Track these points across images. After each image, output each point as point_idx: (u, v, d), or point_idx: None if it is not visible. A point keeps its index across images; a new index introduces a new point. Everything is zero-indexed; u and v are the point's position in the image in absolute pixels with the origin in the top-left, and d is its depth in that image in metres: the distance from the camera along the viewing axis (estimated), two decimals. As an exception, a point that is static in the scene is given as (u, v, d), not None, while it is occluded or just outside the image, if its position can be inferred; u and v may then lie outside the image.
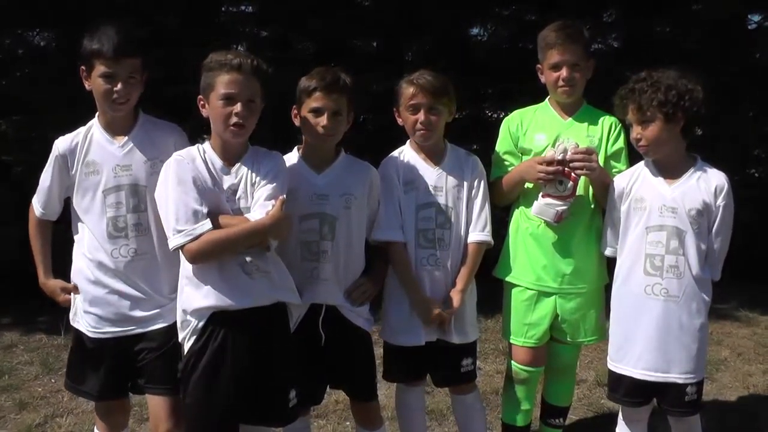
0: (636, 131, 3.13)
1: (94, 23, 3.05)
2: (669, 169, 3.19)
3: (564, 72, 3.41)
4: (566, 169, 3.31)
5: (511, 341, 3.61)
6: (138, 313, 3.09)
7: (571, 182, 3.32)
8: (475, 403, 3.57)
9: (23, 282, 5.86)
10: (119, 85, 2.97)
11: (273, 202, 2.84)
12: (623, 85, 3.20)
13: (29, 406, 4.61)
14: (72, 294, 3.20)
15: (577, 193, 3.36)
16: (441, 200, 3.33)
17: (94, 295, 3.12)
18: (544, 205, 3.39)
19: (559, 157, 3.32)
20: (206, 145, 2.98)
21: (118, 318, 3.10)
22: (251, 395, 2.91)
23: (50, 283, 3.27)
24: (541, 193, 3.40)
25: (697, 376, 3.18)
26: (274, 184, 2.89)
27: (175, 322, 3.03)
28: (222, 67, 2.86)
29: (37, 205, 3.23)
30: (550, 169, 3.32)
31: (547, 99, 3.59)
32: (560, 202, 3.36)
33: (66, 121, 3.27)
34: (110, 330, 3.11)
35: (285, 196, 2.88)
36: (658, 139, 3.10)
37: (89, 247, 3.12)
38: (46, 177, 3.16)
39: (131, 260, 3.06)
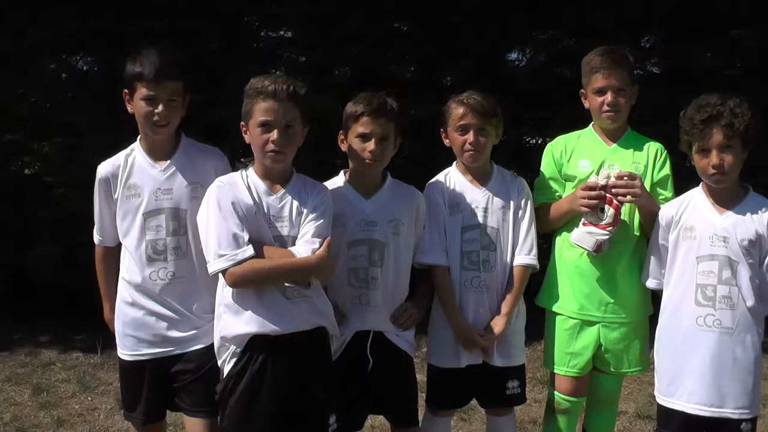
0: (717, 157, 3.00)
1: (136, 47, 3.10)
2: (722, 199, 3.11)
3: (609, 97, 3.37)
4: (608, 196, 3.26)
5: (554, 370, 3.54)
6: (175, 334, 3.10)
7: (612, 210, 3.26)
8: (506, 427, 3.51)
9: (61, 300, 6.00)
10: (160, 107, 3.00)
11: (320, 240, 2.85)
12: (683, 109, 3.11)
13: (66, 424, 4.67)
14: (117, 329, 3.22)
15: (620, 223, 3.30)
16: (487, 222, 3.32)
17: (132, 316, 3.14)
18: (585, 233, 3.33)
19: (602, 183, 3.27)
20: (250, 169, 3.00)
21: (155, 339, 3.11)
22: (290, 420, 2.89)
23: (112, 325, 3.28)
24: (582, 221, 3.35)
25: (752, 412, 3.07)
26: (322, 221, 2.90)
27: (212, 344, 3.02)
28: (259, 95, 2.88)
29: (95, 233, 3.27)
30: (593, 193, 3.27)
31: (591, 124, 3.55)
32: (601, 231, 3.29)
33: (107, 143, 3.32)
34: (148, 351, 3.13)
35: (331, 238, 2.89)
36: (736, 166, 3.02)
37: (128, 270, 3.14)
38: (96, 203, 3.20)
39: (169, 283, 3.08)
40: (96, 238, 3.27)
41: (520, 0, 6.37)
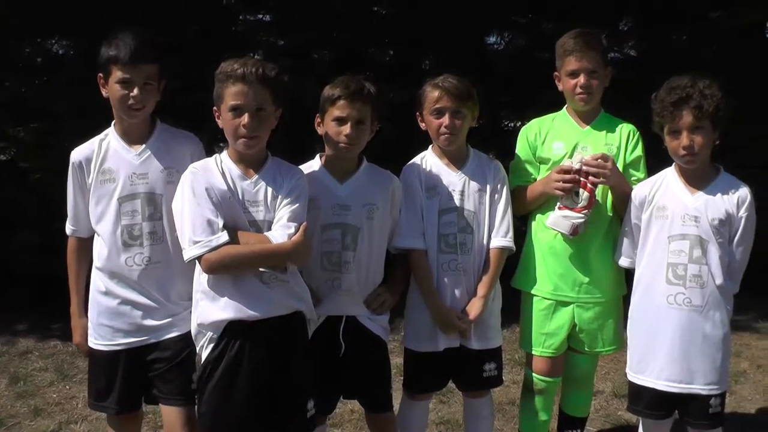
0: (687, 138, 3.05)
1: (111, 31, 3.06)
2: (693, 179, 3.16)
3: (581, 79, 3.39)
4: (582, 180, 3.29)
5: (529, 351, 3.59)
6: (150, 322, 3.08)
7: (587, 193, 3.29)
8: (483, 408, 3.55)
9: (39, 287, 5.94)
10: (135, 91, 2.97)
11: (295, 224, 2.84)
12: (656, 91, 3.15)
13: (44, 413, 4.63)
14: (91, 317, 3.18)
15: (594, 205, 3.33)
16: (463, 205, 3.32)
17: (106, 306, 3.11)
18: (560, 217, 3.36)
19: (576, 167, 3.29)
20: (224, 154, 2.98)
21: (130, 328, 3.09)
22: (268, 405, 2.89)
23: (78, 322, 3.24)
24: (558, 205, 3.37)
25: (720, 388, 3.14)
26: (297, 205, 2.88)
27: (189, 332, 3.01)
28: (228, 79, 2.85)
29: (67, 224, 3.22)
30: (567, 177, 3.31)
31: (565, 107, 3.58)
32: (576, 214, 3.33)
33: (83, 128, 3.28)
34: (123, 341, 3.10)
35: (306, 222, 2.87)
36: (706, 146, 3.07)
37: (100, 257, 3.11)
38: (69, 191, 3.16)
39: (145, 268, 3.05)
40: (68, 228, 3.21)
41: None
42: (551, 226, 3.40)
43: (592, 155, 3.33)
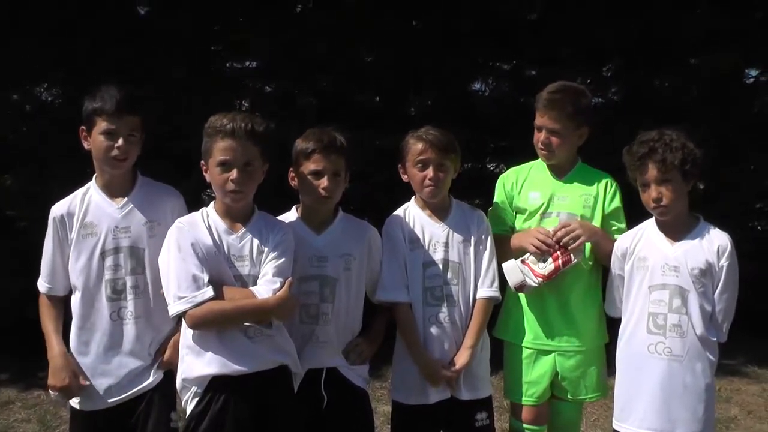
0: (656, 191, 3.09)
1: (96, 84, 3.08)
2: (672, 229, 3.18)
3: (541, 136, 3.42)
4: (556, 251, 3.30)
5: (513, 400, 3.57)
6: (129, 379, 3.05)
7: (552, 266, 3.30)
8: None
9: (22, 338, 5.85)
10: (120, 141, 2.98)
11: (280, 280, 2.83)
12: (629, 143, 3.19)
13: (26, 466, 4.53)
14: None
15: (552, 279, 3.32)
16: (448, 256, 3.31)
17: (85, 365, 3.07)
18: (517, 268, 3.36)
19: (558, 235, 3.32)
20: (210, 208, 2.99)
21: (111, 389, 3.06)
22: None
23: (63, 361, 3.05)
24: (522, 258, 3.38)
25: (703, 438, 3.11)
26: (283, 260, 2.89)
27: (162, 384, 3.02)
28: (217, 134, 2.87)
29: (42, 282, 3.15)
30: (547, 242, 3.30)
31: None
32: (533, 277, 3.34)
33: (71, 176, 3.29)
34: (105, 401, 3.06)
35: (291, 278, 2.87)
36: (676, 198, 3.09)
37: (82, 313, 3.06)
38: (47, 247, 3.12)
39: (129, 323, 3.04)
40: (43, 286, 3.14)
41: (484, 30, 6.45)
42: (504, 269, 3.39)
43: (554, 228, 3.34)
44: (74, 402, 3.11)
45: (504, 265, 3.40)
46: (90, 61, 5.72)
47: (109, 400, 3.06)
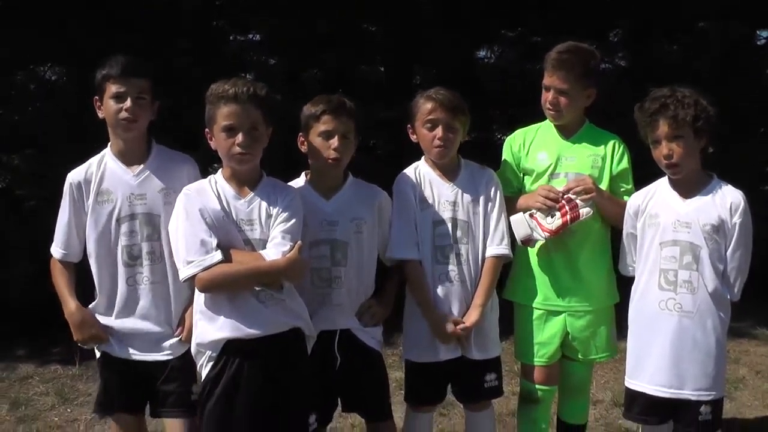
0: (666, 148, 3.09)
1: (104, 57, 3.13)
2: (685, 187, 3.18)
3: (549, 95, 3.42)
4: (564, 205, 3.31)
5: (524, 361, 3.60)
6: (148, 344, 3.12)
7: (560, 221, 3.31)
8: (485, 422, 3.55)
9: (36, 315, 5.94)
10: (128, 103, 3.03)
11: (290, 243, 2.85)
12: (641, 101, 3.18)
13: (46, 437, 4.61)
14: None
15: (558, 235, 3.35)
16: (458, 215, 3.33)
17: (107, 328, 3.15)
18: (524, 222, 3.37)
19: (563, 190, 3.34)
20: (218, 174, 3.01)
21: (140, 350, 3.14)
22: (269, 422, 2.90)
23: (81, 314, 3.15)
24: (531, 212, 3.39)
25: (712, 394, 3.13)
26: (292, 221, 2.91)
27: (184, 354, 3.07)
28: (220, 100, 2.89)
29: (56, 248, 3.19)
30: (551, 196, 3.33)
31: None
32: (540, 231, 3.36)
33: (77, 155, 3.30)
34: (133, 360, 3.14)
35: (301, 242, 2.89)
36: (687, 155, 3.09)
37: (100, 281, 3.13)
38: (62, 213, 3.16)
39: (144, 288, 3.09)
40: (58, 252, 3.18)
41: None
42: (511, 222, 3.41)
43: (567, 184, 3.36)
44: (103, 347, 3.19)
45: (512, 217, 3.41)
46: (92, 41, 5.70)
47: (132, 353, 3.13)
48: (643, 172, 3.46)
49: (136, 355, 3.14)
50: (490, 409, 3.57)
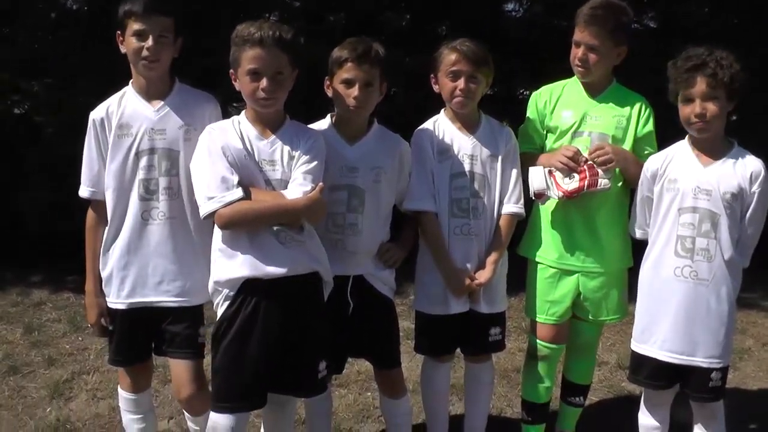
0: (700, 106, 3.03)
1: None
2: (706, 152, 3.14)
3: (579, 51, 3.37)
4: (584, 169, 3.29)
5: (533, 318, 3.62)
6: (164, 286, 3.12)
7: (577, 183, 3.29)
8: (484, 374, 3.60)
9: (52, 244, 6.01)
10: (150, 41, 2.99)
11: (311, 184, 2.85)
12: (674, 59, 3.13)
13: (57, 363, 4.76)
14: (104, 275, 3.18)
15: (573, 198, 3.32)
16: (475, 169, 3.33)
17: (118, 263, 3.13)
18: (542, 176, 3.36)
19: (585, 156, 3.31)
20: (242, 115, 3.00)
21: (135, 287, 3.12)
22: (281, 364, 2.93)
23: (95, 301, 3.22)
24: (550, 168, 3.38)
25: (722, 362, 3.15)
26: (314, 164, 2.90)
27: (200, 305, 3.10)
28: (245, 43, 2.85)
29: (84, 188, 3.17)
30: (575, 158, 3.31)
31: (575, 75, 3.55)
32: (555, 189, 3.34)
33: (97, 86, 3.30)
34: (140, 300, 3.13)
35: (323, 184, 2.89)
36: (718, 116, 3.04)
37: (114, 214, 3.12)
38: (87, 151, 3.15)
39: (160, 223, 3.08)
40: (86, 191, 3.16)
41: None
42: (529, 172, 3.40)
43: (592, 145, 3.33)
44: (111, 301, 3.19)
45: (531, 168, 3.40)
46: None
47: (136, 299, 3.12)
48: (664, 135, 3.42)
49: (143, 299, 3.12)
50: (490, 362, 3.62)
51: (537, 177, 3.38)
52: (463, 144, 3.35)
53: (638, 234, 3.37)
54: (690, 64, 3.05)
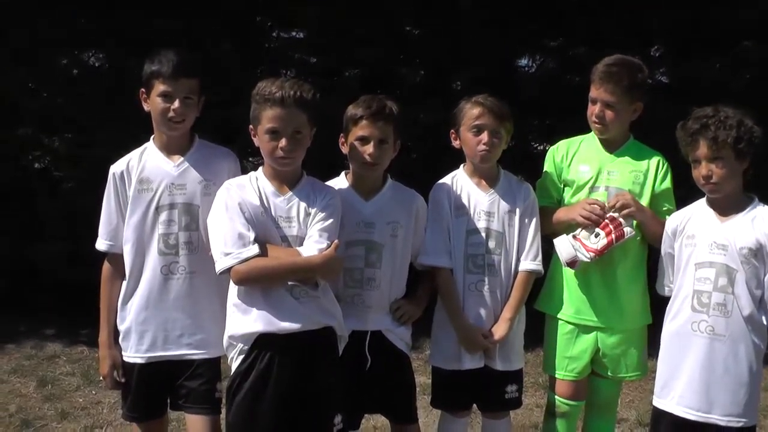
0: (706, 168, 3.05)
1: (153, 49, 3.15)
2: (723, 208, 3.13)
3: (596, 108, 3.40)
4: (607, 223, 3.28)
5: (552, 374, 3.58)
6: (185, 339, 3.13)
7: (605, 240, 3.28)
8: (501, 430, 3.55)
9: (67, 294, 6.04)
10: (176, 104, 3.05)
11: (327, 241, 2.87)
12: (683, 120, 3.15)
13: (70, 416, 4.74)
14: (121, 328, 3.19)
15: (604, 254, 3.29)
16: (492, 225, 3.34)
17: (145, 316, 3.14)
18: (569, 243, 3.35)
19: (608, 207, 3.30)
20: (259, 171, 3.04)
21: (156, 342, 3.13)
22: (296, 419, 2.91)
23: (108, 353, 3.22)
24: (574, 233, 3.37)
25: (744, 421, 3.07)
26: (330, 221, 2.93)
27: (218, 358, 3.09)
28: (266, 101, 2.90)
29: (101, 241, 3.21)
30: (596, 211, 3.30)
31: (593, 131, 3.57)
32: (584, 252, 3.32)
33: (116, 140, 3.35)
34: (159, 354, 3.13)
35: (338, 241, 2.90)
36: (727, 176, 3.05)
37: (129, 267, 3.14)
38: (106, 205, 3.19)
39: (180, 278, 3.10)
40: (104, 244, 3.20)
41: (531, 7, 6.38)
42: (555, 245, 3.39)
43: (610, 202, 3.32)
44: (126, 355, 3.19)
45: (555, 240, 3.40)
46: (137, 30, 5.78)
47: (155, 353, 3.13)
48: (684, 191, 3.42)
49: (163, 352, 3.13)
50: (508, 417, 3.57)
51: (563, 246, 3.36)
52: (480, 200, 3.36)
53: (665, 291, 3.33)
54: (693, 128, 3.07)
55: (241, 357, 2.92)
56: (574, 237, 3.36)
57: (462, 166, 3.46)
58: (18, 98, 6.38)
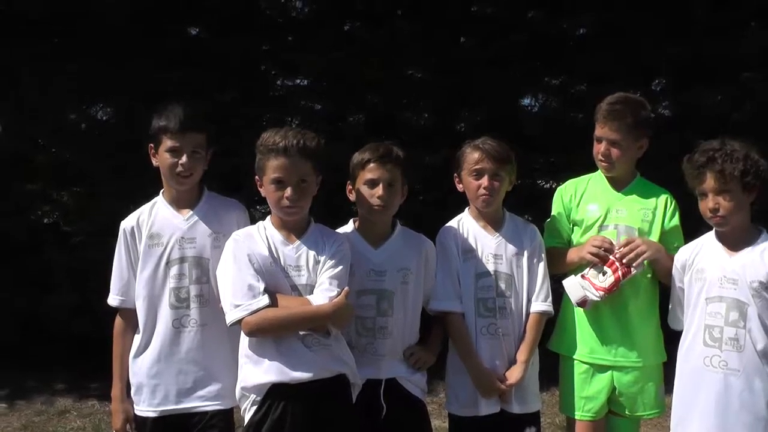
0: (713, 201, 3.06)
1: (161, 103, 3.19)
2: (733, 241, 3.13)
3: (601, 147, 3.42)
4: (615, 262, 3.27)
5: (569, 414, 3.54)
6: (198, 392, 3.12)
7: (612, 278, 3.27)
8: None
9: (76, 348, 6.02)
10: (184, 158, 3.08)
11: (337, 289, 2.87)
12: (689, 153, 3.16)
13: (82, 473, 4.65)
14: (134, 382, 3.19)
15: (613, 293, 3.29)
16: (501, 268, 3.33)
17: (157, 369, 3.13)
18: (577, 284, 3.34)
19: (617, 245, 3.30)
20: (267, 221, 3.05)
21: (168, 395, 3.12)
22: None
23: (120, 407, 3.23)
24: (582, 273, 3.37)
25: (762, 458, 3.03)
26: (340, 268, 2.93)
27: (231, 409, 3.08)
28: (270, 152, 2.93)
29: (113, 296, 3.22)
30: (604, 247, 3.29)
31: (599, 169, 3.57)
32: (594, 291, 3.31)
33: (123, 193, 3.37)
34: (173, 408, 3.12)
35: (348, 288, 2.91)
36: (735, 209, 3.04)
37: (142, 321, 3.14)
38: (117, 260, 3.21)
39: (191, 330, 3.10)
40: (115, 299, 3.21)
41: (533, 46, 6.45)
42: (564, 286, 3.39)
43: (620, 242, 3.32)
44: (140, 411, 3.18)
45: (564, 282, 3.39)
46: (144, 82, 5.85)
47: (168, 407, 3.11)
48: (692, 222, 3.41)
49: (176, 405, 3.11)
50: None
51: (572, 287, 3.36)
52: (487, 243, 3.36)
53: (676, 325, 3.32)
54: (700, 161, 3.08)
55: (255, 407, 2.90)
56: (583, 276, 3.35)
57: (467, 209, 3.47)
58: (28, 153, 6.45)
